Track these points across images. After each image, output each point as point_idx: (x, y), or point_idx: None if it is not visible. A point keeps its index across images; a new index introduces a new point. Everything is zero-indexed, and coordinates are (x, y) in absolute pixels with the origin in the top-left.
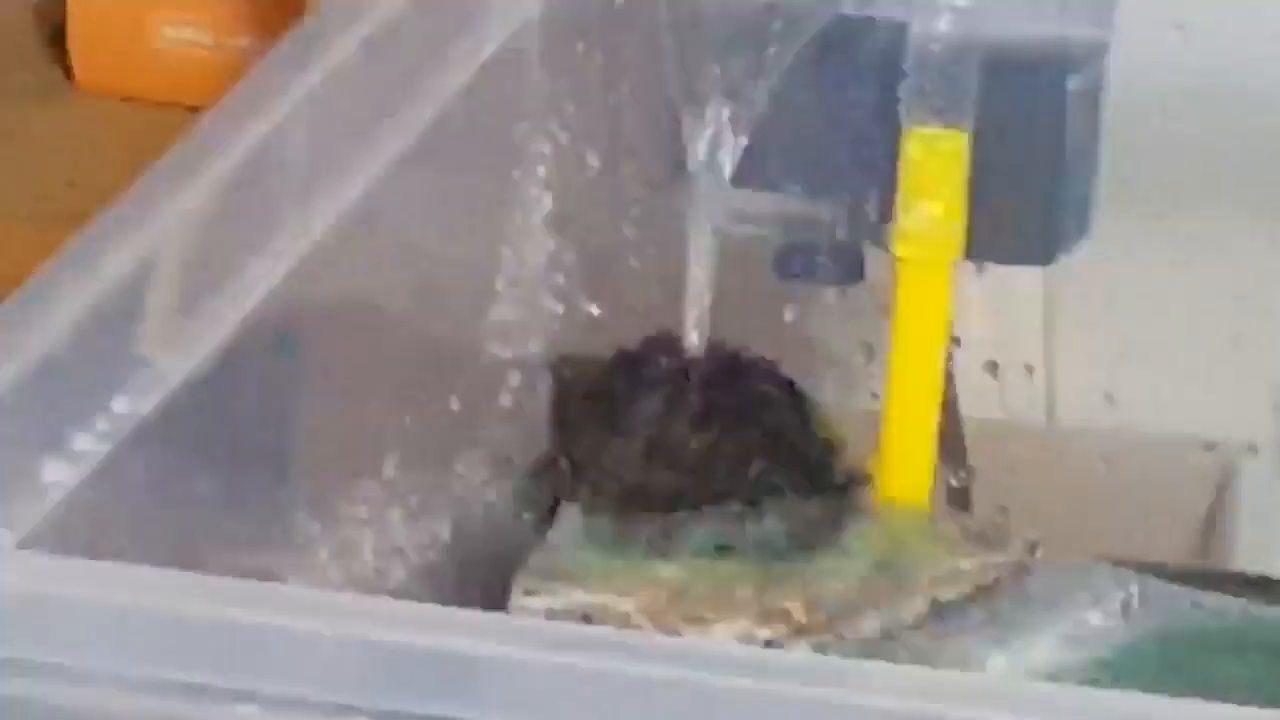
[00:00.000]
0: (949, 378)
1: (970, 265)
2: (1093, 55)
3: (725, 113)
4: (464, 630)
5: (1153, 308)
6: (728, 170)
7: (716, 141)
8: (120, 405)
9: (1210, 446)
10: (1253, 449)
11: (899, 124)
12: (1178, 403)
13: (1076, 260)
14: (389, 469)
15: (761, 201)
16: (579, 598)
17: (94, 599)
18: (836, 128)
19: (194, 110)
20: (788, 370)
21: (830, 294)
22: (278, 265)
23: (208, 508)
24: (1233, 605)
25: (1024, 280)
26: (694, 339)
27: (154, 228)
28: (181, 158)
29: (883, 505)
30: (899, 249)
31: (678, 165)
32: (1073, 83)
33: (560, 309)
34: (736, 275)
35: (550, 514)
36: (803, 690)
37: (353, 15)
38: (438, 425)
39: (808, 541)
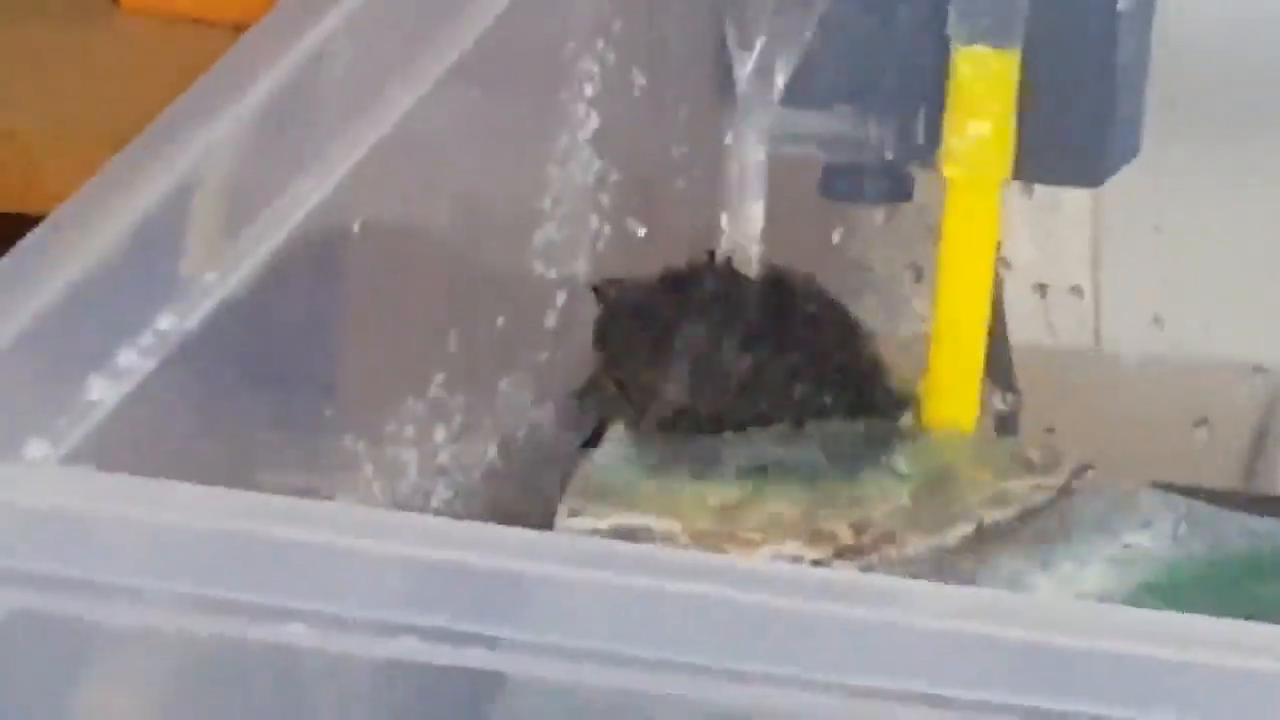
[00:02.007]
0: (997, 300)
1: (1019, 186)
2: None
3: (774, 31)
4: (509, 549)
5: (1201, 230)
6: (776, 89)
7: (764, 60)
8: (164, 323)
9: (1258, 369)
10: None
11: (948, 43)
12: (1225, 326)
13: (1125, 183)
14: (434, 389)
15: (809, 121)
16: (624, 518)
17: (138, 516)
18: (885, 47)
19: (238, 30)
20: (835, 292)
21: (878, 215)
22: (322, 183)
23: (252, 425)
24: None
25: (1073, 202)
26: (740, 260)
27: (197, 145)
28: (224, 77)
29: (930, 428)
30: (947, 169)
31: (725, 84)
32: (1123, 2)
33: (606, 229)
34: (784, 195)
35: (596, 435)
36: (849, 611)
37: None
38: (483, 345)
39: (854, 463)
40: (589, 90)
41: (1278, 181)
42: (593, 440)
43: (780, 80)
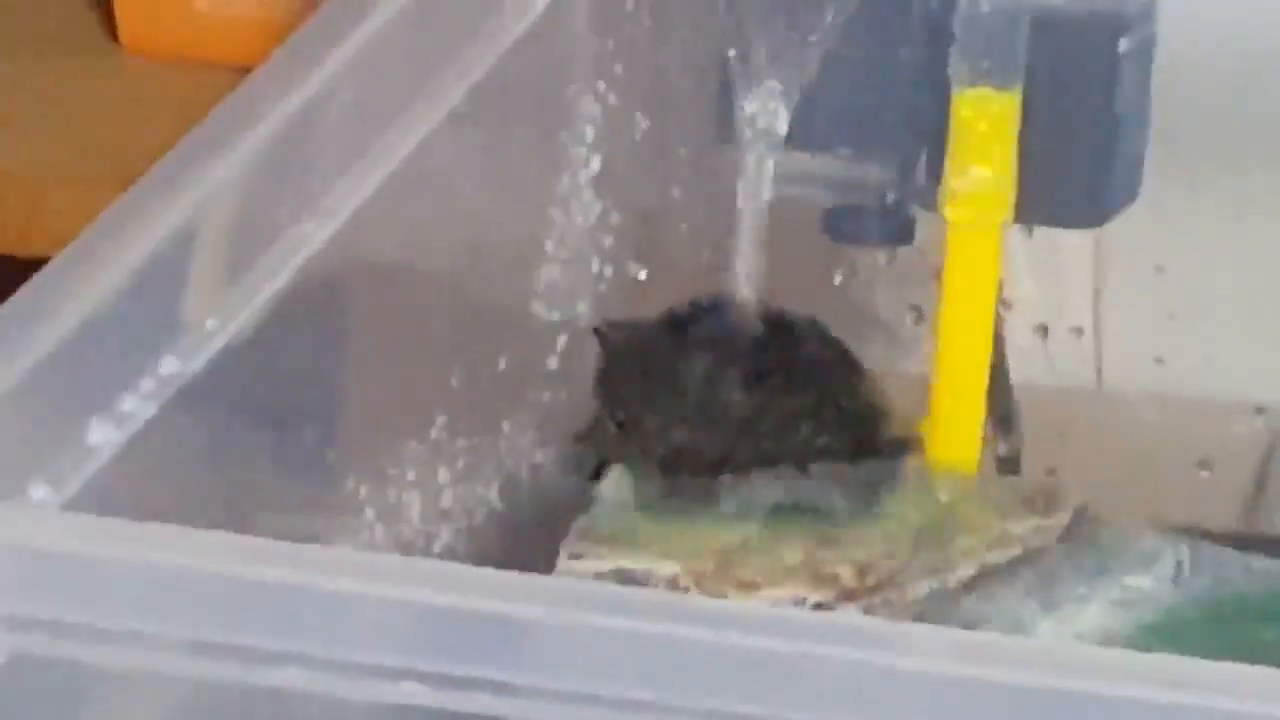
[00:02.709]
0: (999, 341)
1: (1020, 228)
2: (1143, 16)
3: (775, 74)
4: (511, 593)
5: (1202, 270)
6: (777, 132)
7: (766, 102)
8: (166, 367)
9: (1260, 409)
10: None
11: (949, 85)
12: (1227, 365)
13: (1126, 223)
14: (436, 431)
15: (811, 163)
16: (626, 561)
17: (139, 561)
18: (886, 89)
19: (241, 71)
20: (836, 333)
21: (879, 256)
22: (324, 226)
23: (254, 469)
24: None
25: (1074, 243)
26: (742, 301)
27: (200, 188)
28: (228, 119)
29: (932, 469)
30: (949, 211)
31: (727, 126)
32: (1124, 44)
33: (608, 271)
34: (785, 237)
35: (597, 477)
36: (851, 654)
37: None
38: (485, 388)
39: (857, 505)
40: (591, 132)
41: (1277, 219)
42: (594, 483)
43: (782, 122)
